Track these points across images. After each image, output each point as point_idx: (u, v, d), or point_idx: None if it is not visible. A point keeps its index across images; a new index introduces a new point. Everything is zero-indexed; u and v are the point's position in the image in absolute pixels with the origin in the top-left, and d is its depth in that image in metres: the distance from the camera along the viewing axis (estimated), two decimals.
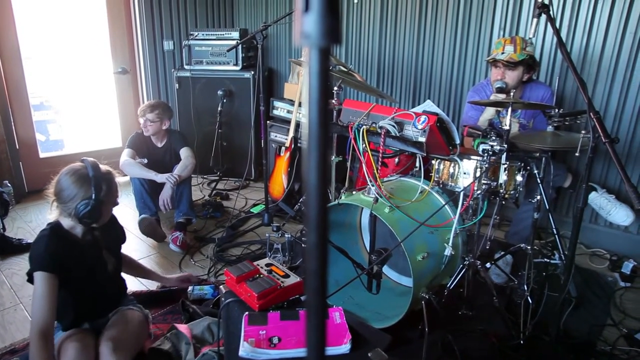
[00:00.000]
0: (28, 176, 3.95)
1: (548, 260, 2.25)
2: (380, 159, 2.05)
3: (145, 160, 3.27)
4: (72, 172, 1.68)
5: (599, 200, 2.82)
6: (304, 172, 0.34)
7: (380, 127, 2.04)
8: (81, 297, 1.77)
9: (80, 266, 1.73)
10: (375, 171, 2.04)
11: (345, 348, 1.16)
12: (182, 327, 2.02)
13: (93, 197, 1.63)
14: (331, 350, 1.16)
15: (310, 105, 0.31)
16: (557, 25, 2.97)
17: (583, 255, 2.99)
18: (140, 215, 3.16)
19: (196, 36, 4.25)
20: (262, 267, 1.55)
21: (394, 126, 2.02)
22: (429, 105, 2.12)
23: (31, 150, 3.98)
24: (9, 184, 3.62)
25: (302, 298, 1.42)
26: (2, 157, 3.68)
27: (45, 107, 4.18)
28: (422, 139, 1.95)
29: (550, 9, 1.76)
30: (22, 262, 2.80)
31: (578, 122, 2.08)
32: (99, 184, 1.66)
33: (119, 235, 2.00)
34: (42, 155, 4.07)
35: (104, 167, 1.74)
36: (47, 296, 1.56)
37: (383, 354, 1.13)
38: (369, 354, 1.13)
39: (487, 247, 2.37)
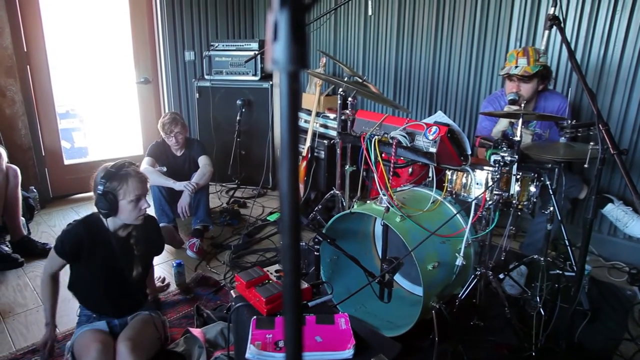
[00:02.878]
0: (53, 182, 4.07)
1: (561, 272, 2.23)
2: (391, 169, 2.08)
3: (165, 169, 3.35)
4: (103, 167, 1.88)
5: (615, 212, 2.78)
6: (278, 181, 0.37)
7: (392, 138, 2.06)
8: (100, 287, 1.92)
9: (104, 256, 1.87)
10: (387, 181, 2.06)
11: (348, 353, 1.18)
12: (196, 332, 2.06)
13: (101, 189, 1.80)
14: (334, 355, 1.18)
15: (281, 122, 0.35)
16: (574, 35, 2.97)
17: (602, 268, 2.94)
18: (159, 222, 3.23)
19: (216, 47, 4.36)
20: (271, 273, 1.59)
21: (405, 137, 2.04)
22: (440, 116, 2.14)
23: (56, 158, 4.12)
24: (34, 190, 3.76)
25: (310, 304, 1.45)
26: (29, 164, 3.82)
27: (70, 116, 4.34)
28: (433, 150, 1.97)
29: (561, 20, 1.77)
30: None
31: (591, 133, 2.07)
32: (112, 179, 1.82)
33: (157, 243, 2.16)
34: (66, 162, 4.20)
35: (129, 168, 1.88)
36: (54, 265, 1.91)
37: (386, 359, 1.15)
38: None
39: (502, 258, 2.36)
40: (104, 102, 4.45)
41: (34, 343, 2.17)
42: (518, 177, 2.06)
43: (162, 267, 2.96)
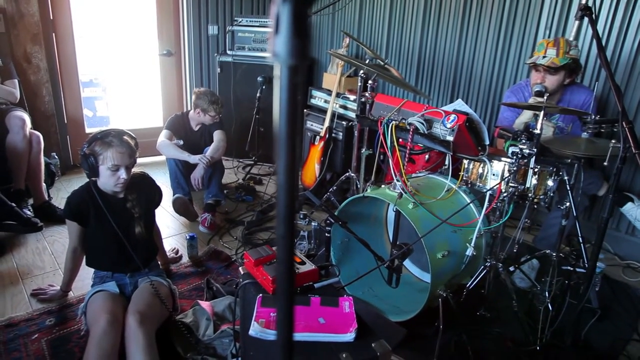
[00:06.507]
0: (74, 150, 4.15)
1: (572, 268, 2.20)
2: (407, 155, 2.06)
3: (182, 142, 3.38)
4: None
5: (634, 211, 2.72)
6: (276, 174, 0.37)
7: (409, 124, 2.04)
8: (109, 246, 2.02)
9: (106, 217, 1.96)
10: (402, 167, 2.05)
11: (349, 337, 1.20)
12: (205, 304, 2.11)
13: (84, 150, 1.92)
14: (335, 337, 1.20)
15: (280, 117, 0.35)
16: (608, 26, 2.86)
17: (616, 267, 2.90)
18: (174, 194, 3.29)
19: (240, 22, 4.33)
20: None
21: (422, 123, 2.02)
22: (459, 105, 2.11)
23: (78, 125, 4.19)
24: (56, 156, 3.84)
25: (316, 285, 1.46)
26: (51, 131, 3.90)
27: (93, 85, 4.38)
28: (450, 138, 1.95)
29: (593, 12, 1.71)
30: (63, 231, 2.97)
31: (615, 130, 2.01)
32: (96, 143, 1.92)
33: (155, 198, 2.22)
34: (88, 130, 4.27)
35: (115, 137, 1.93)
36: (73, 233, 2.07)
37: (386, 345, 1.16)
38: (372, 345, 1.16)
39: (515, 250, 2.35)
40: (126, 73, 4.48)
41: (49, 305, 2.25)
42: (536, 170, 2.03)
43: (176, 239, 3.01)
